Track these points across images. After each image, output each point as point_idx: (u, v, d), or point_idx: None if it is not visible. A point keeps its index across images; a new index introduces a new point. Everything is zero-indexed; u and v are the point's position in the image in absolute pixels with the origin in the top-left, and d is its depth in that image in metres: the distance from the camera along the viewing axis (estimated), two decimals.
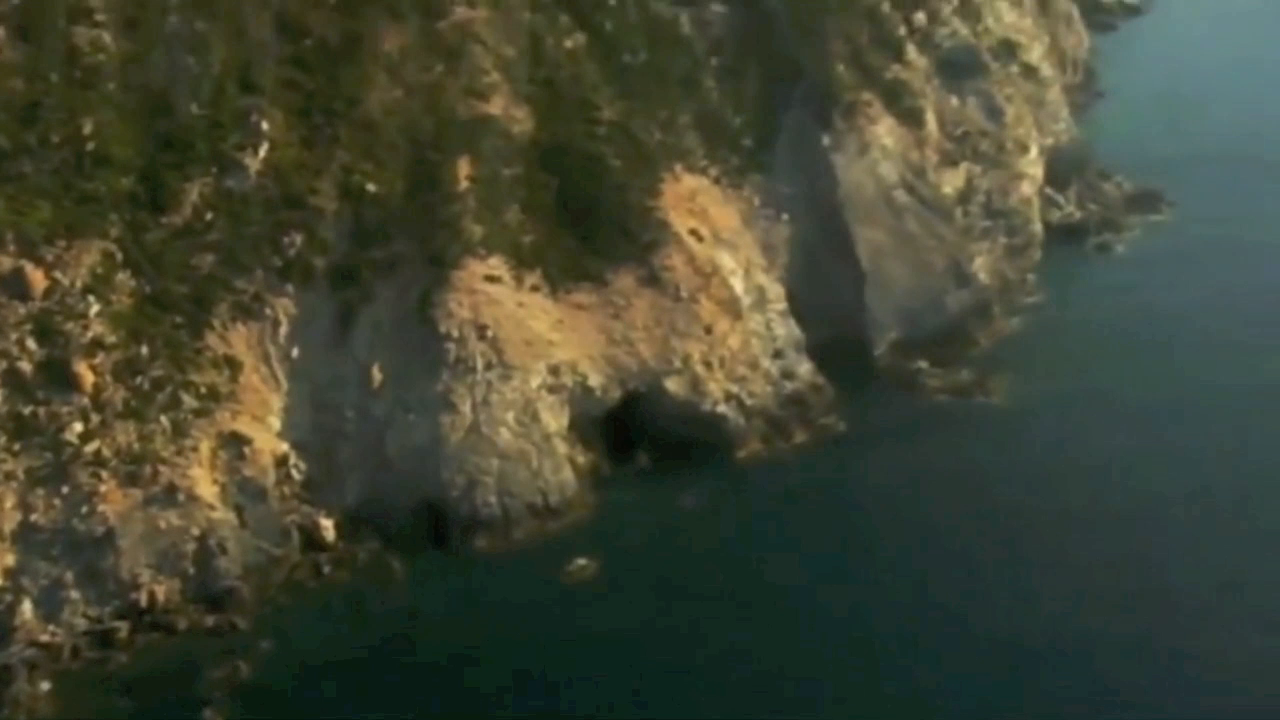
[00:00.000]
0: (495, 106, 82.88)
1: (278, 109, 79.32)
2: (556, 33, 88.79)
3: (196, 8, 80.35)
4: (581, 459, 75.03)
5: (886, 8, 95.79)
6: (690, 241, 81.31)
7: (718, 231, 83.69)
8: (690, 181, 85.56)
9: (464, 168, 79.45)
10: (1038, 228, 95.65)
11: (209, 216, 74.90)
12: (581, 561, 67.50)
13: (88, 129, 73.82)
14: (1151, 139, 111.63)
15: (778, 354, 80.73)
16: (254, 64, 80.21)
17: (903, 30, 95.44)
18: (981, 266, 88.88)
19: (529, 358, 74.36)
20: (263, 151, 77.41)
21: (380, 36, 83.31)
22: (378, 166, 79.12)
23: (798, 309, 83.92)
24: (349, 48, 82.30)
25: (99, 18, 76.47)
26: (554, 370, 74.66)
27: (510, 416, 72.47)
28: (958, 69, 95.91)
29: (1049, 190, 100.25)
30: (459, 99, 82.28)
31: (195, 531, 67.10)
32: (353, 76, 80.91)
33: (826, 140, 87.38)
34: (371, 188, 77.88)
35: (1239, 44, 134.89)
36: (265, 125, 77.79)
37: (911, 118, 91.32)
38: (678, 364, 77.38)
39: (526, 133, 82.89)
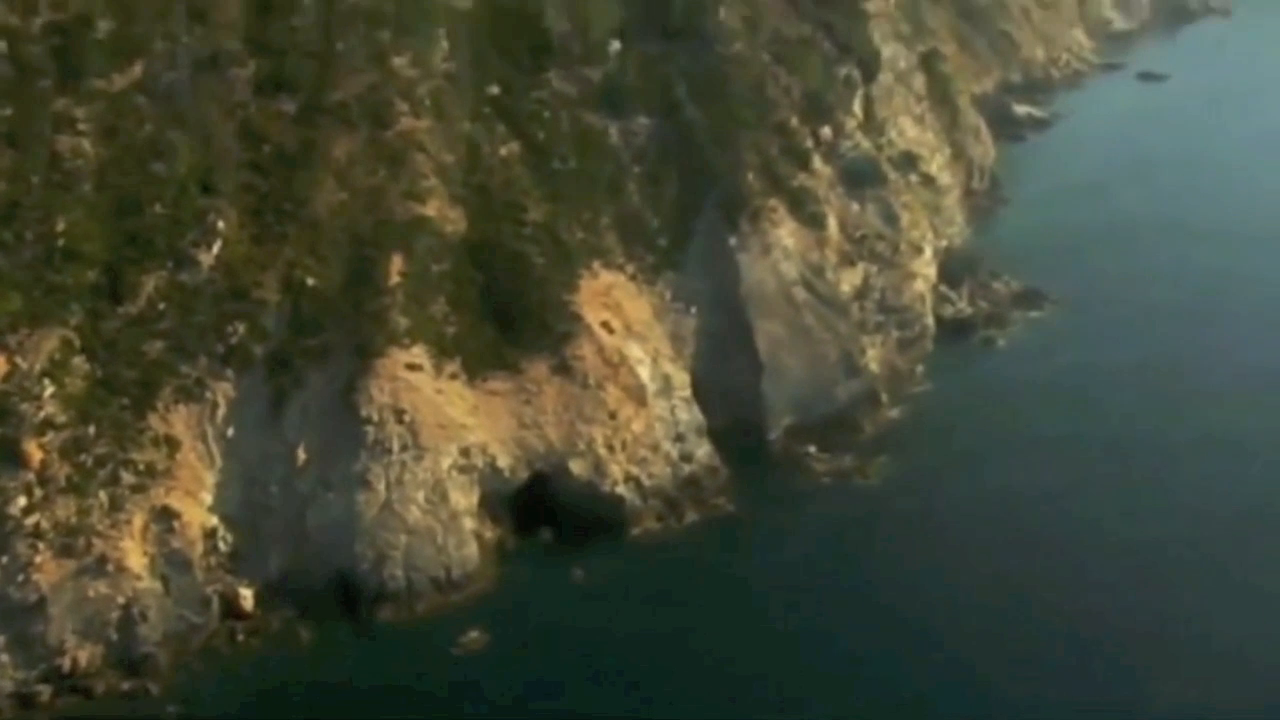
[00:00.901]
0: (431, 208, 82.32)
1: (234, 209, 79.11)
2: (493, 141, 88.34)
3: (170, 118, 79.21)
4: (489, 534, 73.62)
5: (796, 122, 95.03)
6: (601, 333, 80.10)
7: (630, 324, 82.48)
8: (607, 278, 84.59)
9: (397, 264, 78.61)
10: (929, 322, 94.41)
11: (162, 307, 74.41)
12: (474, 634, 65.94)
13: (61, 226, 73.66)
14: (1044, 241, 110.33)
15: (679, 437, 79.21)
16: (216, 169, 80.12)
17: (810, 143, 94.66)
18: (873, 358, 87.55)
19: (442, 440, 73.01)
20: (216, 248, 77.06)
21: (332, 144, 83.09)
22: (319, 262, 78.40)
23: (702, 395, 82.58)
24: (303, 154, 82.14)
25: (81, 127, 76.74)
26: (465, 452, 73.25)
27: (421, 495, 71.11)
28: (859, 178, 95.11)
29: (943, 288, 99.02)
30: (398, 201, 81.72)
31: (121, 600, 65.83)
32: (304, 180, 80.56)
33: (733, 241, 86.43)
34: (311, 281, 77.04)
35: (1136, 150, 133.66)
36: (221, 224, 77.53)
37: (814, 222, 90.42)
38: (582, 447, 75.99)
39: (458, 232, 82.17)
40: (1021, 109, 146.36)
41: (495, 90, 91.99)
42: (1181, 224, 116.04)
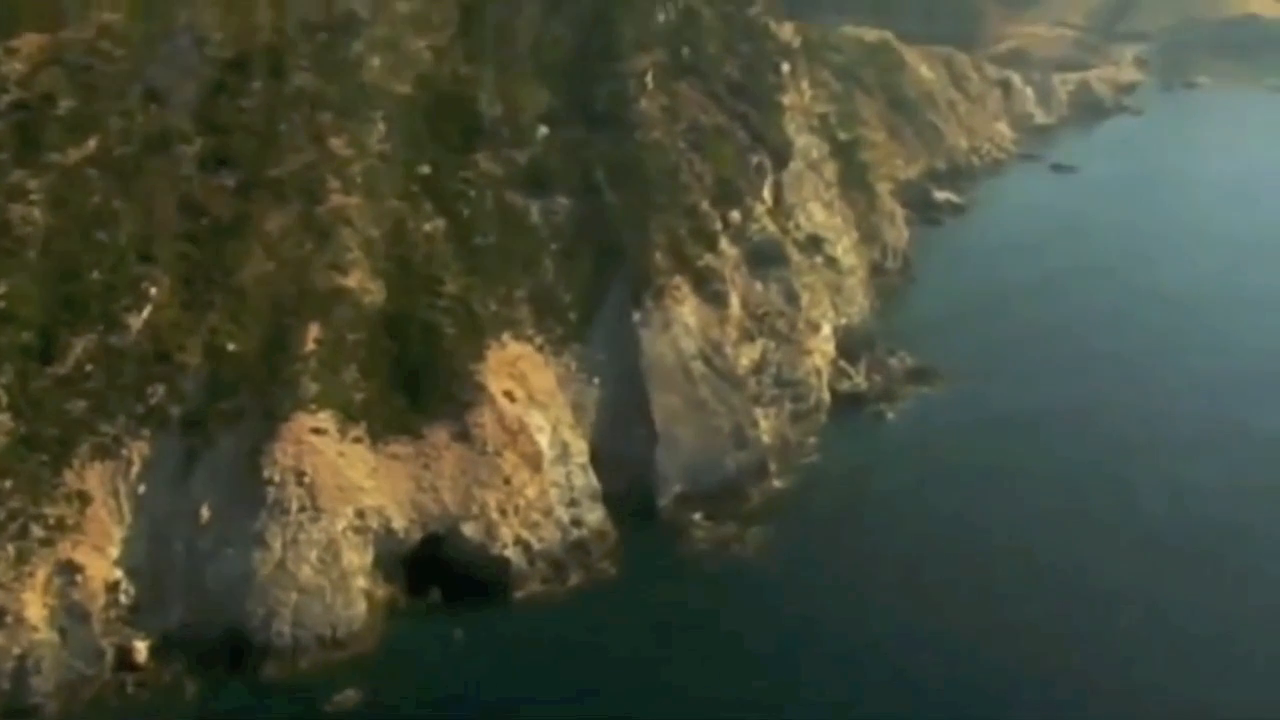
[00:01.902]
0: (352, 280, 79.39)
1: (167, 276, 76.14)
2: (419, 217, 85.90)
3: (118, 190, 76.49)
4: (381, 593, 69.91)
5: (706, 206, 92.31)
6: (503, 402, 76.78)
7: (533, 393, 79.18)
8: (516, 349, 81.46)
9: (313, 332, 75.58)
10: (825, 396, 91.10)
11: (89, 368, 70.97)
12: (349, 691, 62.19)
13: (2, 289, 70.28)
14: (944, 319, 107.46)
15: (572, 503, 75.74)
16: (156, 239, 77.35)
17: (719, 226, 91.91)
18: (765, 430, 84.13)
19: (340, 502, 69.55)
20: (146, 313, 73.85)
21: (266, 217, 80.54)
22: (241, 329, 75.45)
23: (600, 462, 79.18)
24: (238, 226, 79.57)
25: (34, 197, 74.44)
26: (361, 513, 69.81)
27: (314, 554, 67.61)
28: (764, 259, 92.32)
29: (842, 363, 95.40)
30: (321, 272, 78.85)
31: (16, 651, 62.17)
32: (236, 251, 77.91)
33: (637, 317, 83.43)
34: (231, 347, 74.05)
35: (1039, 236, 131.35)
36: (153, 290, 74.33)
37: (717, 299, 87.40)
38: (475, 510, 72.63)
39: (376, 303, 79.10)
40: (941, 195, 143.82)
41: (426, 169, 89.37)
42: (1073, 305, 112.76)
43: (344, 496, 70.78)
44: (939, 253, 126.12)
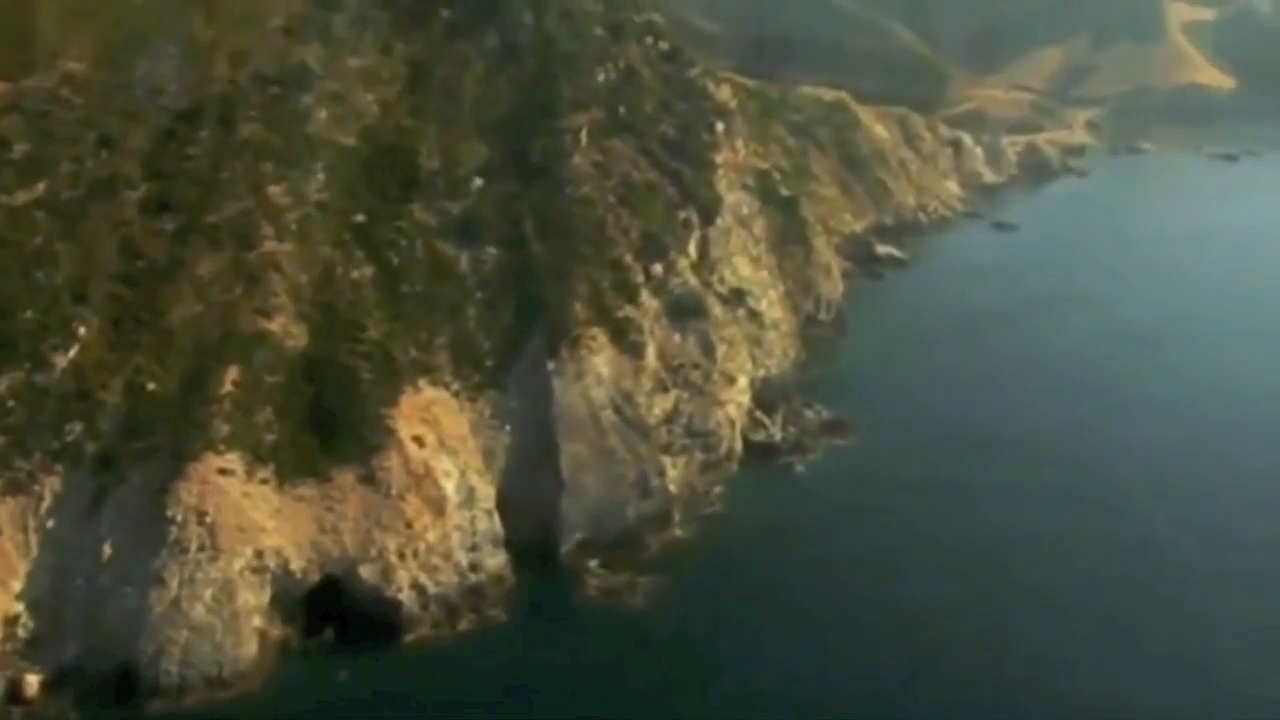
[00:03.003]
0: (276, 324, 77.18)
1: (98, 317, 73.77)
2: (349, 264, 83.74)
3: (61, 232, 74.60)
4: (275, 632, 67.26)
5: (630, 259, 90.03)
6: (411, 446, 74.24)
7: (444, 438, 76.65)
8: (431, 394, 79.01)
9: (232, 374, 73.28)
10: (737, 446, 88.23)
11: (11, 404, 68.04)
12: None
13: None
14: (870, 372, 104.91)
15: (474, 547, 73.15)
16: (91, 280, 74.98)
17: (641, 279, 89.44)
18: (672, 479, 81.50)
19: (239, 542, 66.95)
20: (73, 352, 71.23)
21: (199, 262, 78.26)
22: (164, 369, 73.21)
23: (507, 508, 76.54)
24: (172, 269, 77.78)
25: None
26: (260, 554, 67.26)
27: (209, 594, 64.93)
28: (684, 311, 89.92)
29: (758, 414, 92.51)
30: (247, 316, 76.68)
31: None
32: (167, 294, 76.17)
33: (551, 366, 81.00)
34: (151, 386, 71.53)
35: (974, 291, 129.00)
36: (83, 330, 71.84)
37: (633, 350, 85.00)
38: (374, 553, 69.86)
39: (298, 346, 76.93)
40: (883, 249, 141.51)
41: (361, 218, 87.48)
42: (994, 355, 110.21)
43: (244, 537, 68.21)
44: (875, 305, 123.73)
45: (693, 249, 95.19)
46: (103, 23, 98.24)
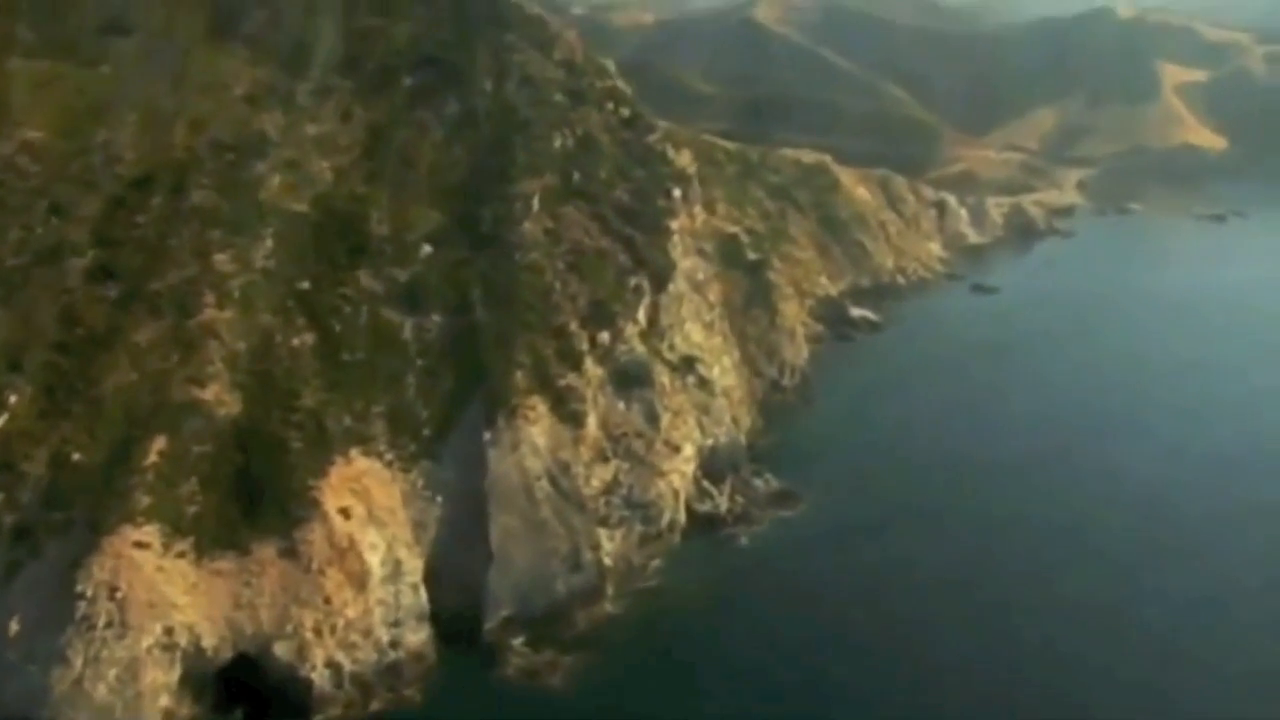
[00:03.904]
0: (209, 392, 75.63)
1: (31, 386, 72.17)
2: (290, 331, 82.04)
3: (2, 300, 73.63)
4: (185, 712, 64.66)
5: (575, 327, 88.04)
6: (337, 519, 72.10)
7: (374, 509, 74.50)
8: (363, 464, 76.95)
9: (158, 444, 71.43)
10: (680, 518, 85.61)
11: None
12: None
13: None
14: (829, 439, 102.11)
15: (396, 623, 70.64)
16: (28, 348, 73.52)
17: (586, 346, 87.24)
18: (609, 552, 78.91)
19: (149, 618, 64.80)
20: (1, 421, 68.96)
21: (137, 329, 76.75)
22: (92, 439, 71.49)
23: (436, 581, 74.16)
24: (109, 337, 76.33)
25: None
26: (170, 631, 65.04)
27: (113, 673, 62.70)
28: (629, 380, 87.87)
29: (706, 483, 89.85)
30: (180, 385, 75.15)
31: None
32: (102, 362, 75.05)
33: (487, 436, 78.89)
34: (77, 457, 69.66)
35: (944, 356, 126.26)
36: (13, 399, 70.01)
37: (574, 419, 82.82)
38: (290, 630, 67.47)
39: (230, 415, 74.76)
40: (857, 312, 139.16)
41: (306, 285, 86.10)
42: (959, 424, 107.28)
43: (155, 613, 66.01)
44: (842, 370, 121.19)
45: (642, 316, 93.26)
46: (66, 90, 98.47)
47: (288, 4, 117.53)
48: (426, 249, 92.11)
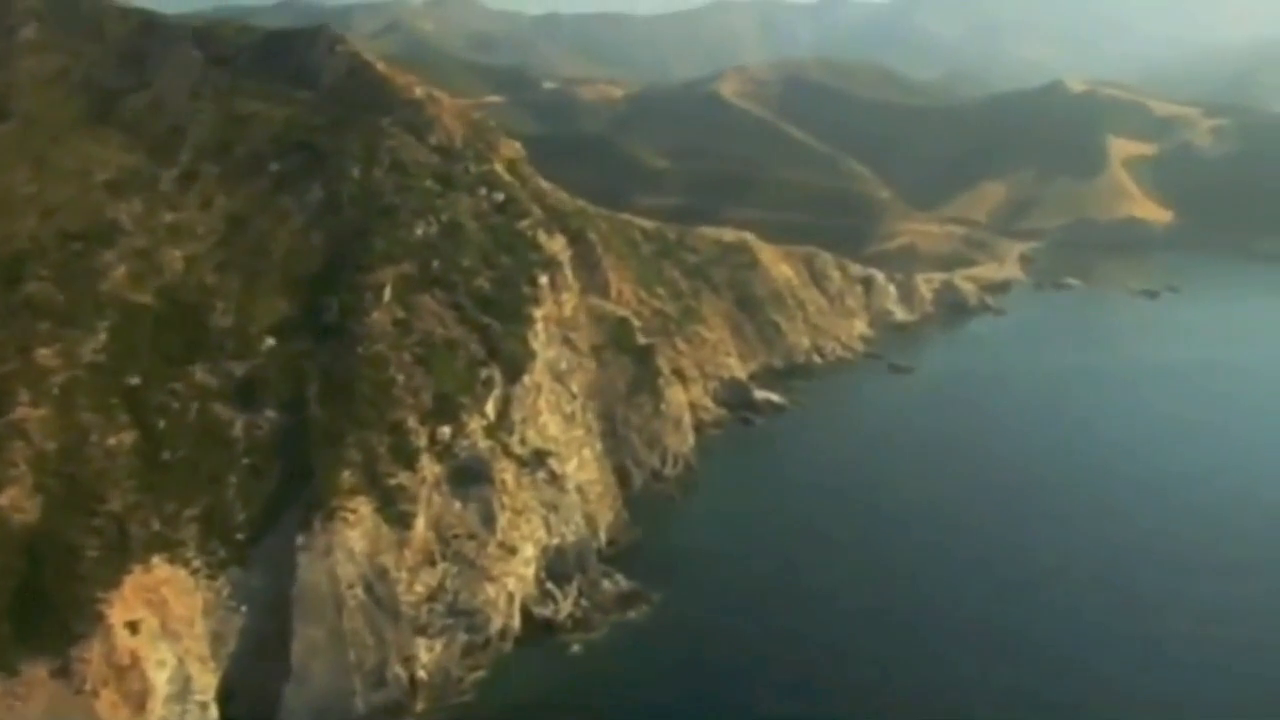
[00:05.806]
0: (6, 498, 70.61)
1: None
2: (108, 430, 77.17)
3: None
4: None
5: (413, 422, 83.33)
6: (122, 635, 67.20)
7: (167, 622, 69.63)
8: (164, 572, 72.23)
9: None
10: (513, 624, 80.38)
11: None
12: None
13: None
14: (701, 533, 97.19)
15: None
16: None
17: (424, 442, 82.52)
18: (426, 664, 73.47)
19: None
20: None
21: None
22: None
23: (232, 697, 68.68)
24: None
25: None
26: None
27: None
28: (468, 477, 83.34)
29: (549, 585, 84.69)
30: None
31: None
32: None
33: (300, 540, 73.80)
34: None
35: (840, 443, 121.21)
36: None
37: (400, 521, 77.93)
38: None
39: (28, 523, 69.76)
40: (761, 395, 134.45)
41: (135, 380, 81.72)
42: (838, 514, 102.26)
43: None
44: (733, 458, 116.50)
45: (491, 409, 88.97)
46: None
47: (171, 88, 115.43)
48: (270, 341, 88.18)
